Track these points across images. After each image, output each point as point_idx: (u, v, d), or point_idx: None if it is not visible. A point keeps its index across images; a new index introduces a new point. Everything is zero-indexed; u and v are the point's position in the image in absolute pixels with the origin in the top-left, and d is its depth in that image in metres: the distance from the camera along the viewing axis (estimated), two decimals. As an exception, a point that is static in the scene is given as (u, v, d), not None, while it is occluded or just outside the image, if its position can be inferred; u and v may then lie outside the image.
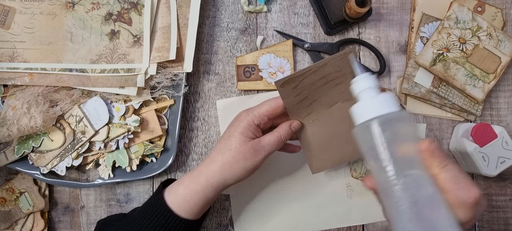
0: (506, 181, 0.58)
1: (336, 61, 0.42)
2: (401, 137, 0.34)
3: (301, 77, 0.43)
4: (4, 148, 0.53)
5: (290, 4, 0.58)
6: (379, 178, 0.35)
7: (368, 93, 0.36)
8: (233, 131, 0.44)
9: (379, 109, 0.34)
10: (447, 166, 0.33)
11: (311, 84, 0.44)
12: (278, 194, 0.55)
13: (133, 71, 0.52)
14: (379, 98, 0.35)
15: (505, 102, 0.58)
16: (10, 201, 0.55)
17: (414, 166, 0.34)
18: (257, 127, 0.44)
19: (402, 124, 0.35)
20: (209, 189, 0.44)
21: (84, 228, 0.57)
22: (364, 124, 0.35)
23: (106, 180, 0.54)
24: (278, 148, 0.45)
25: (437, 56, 0.55)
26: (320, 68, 0.42)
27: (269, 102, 0.45)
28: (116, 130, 0.52)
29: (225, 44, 0.58)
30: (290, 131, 0.45)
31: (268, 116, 0.44)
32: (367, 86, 0.37)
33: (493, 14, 0.58)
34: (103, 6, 0.54)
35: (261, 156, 0.43)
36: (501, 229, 0.58)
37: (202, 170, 0.45)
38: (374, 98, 0.36)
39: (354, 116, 0.37)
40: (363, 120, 0.35)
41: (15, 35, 0.53)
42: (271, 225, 0.55)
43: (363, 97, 0.37)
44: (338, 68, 0.43)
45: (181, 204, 0.44)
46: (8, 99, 0.52)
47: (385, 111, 0.34)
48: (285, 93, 0.44)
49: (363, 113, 0.35)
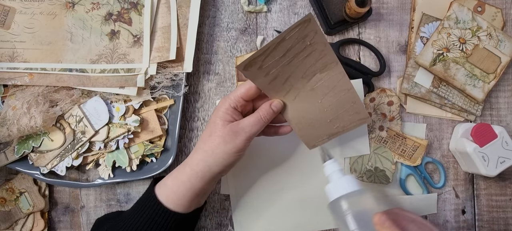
0: (506, 181, 0.58)
1: (293, 32, 0.40)
2: (362, 208, 0.42)
3: (262, 57, 0.41)
4: (4, 148, 0.53)
5: (290, 4, 0.58)
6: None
7: (336, 175, 0.45)
8: (213, 117, 0.45)
9: (345, 189, 0.43)
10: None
11: (276, 62, 0.42)
12: (279, 194, 0.55)
13: (133, 71, 0.52)
14: (344, 180, 0.44)
15: (505, 102, 0.58)
16: (10, 201, 0.55)
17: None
18: (234, 110, 0.44)
19: (363, 198, 0.43)
20: (195, 178, 0.44)
21: (84, 228, 0.57)
22: (334, 201, 0.44)
23: (106, 180, 0.54)
24: (261, 128, 0.45)
25: (437, 56, 0.55)
26: (279, 43, 0.41)
27: (243, 85, 0.45)
28: (116, 130, 0.52)
29: (225, 44, 0.58)
30: (270, 110, 0.45)
31: (243, 98, 0.44)
32: (335, 170, 0.45)
33: (493, 14, 0.58)
34: (103, 6, 0.54)
35: (241, 138, 0.43)
36: (501, 229, 0.58)
37: (187, 161, 0.45)
38: (340, 180, 0.44)
39: (327, 195, 0.45)
40: (335, 197, 0.43)
41: (15, 35, 0.53)
42: (271, 225, 0.55)
43: (332, 179, 0.45)
44: (299, 40, 0.41)
45: (169, 195, 0.44)
46: (8, 99, 0.52)
47: (350, 190, 0.43)
48: (252, 75, 0.43)
49: (334, 191, 0.44)
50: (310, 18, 0.40)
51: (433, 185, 0.57)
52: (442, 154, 0.58)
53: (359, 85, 0.55)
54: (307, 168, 0.55)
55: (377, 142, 0.56)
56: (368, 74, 0.56)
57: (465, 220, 0.57)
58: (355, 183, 0.44)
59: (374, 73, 0.57)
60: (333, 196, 0.44)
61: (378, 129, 0.56)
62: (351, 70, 0.56)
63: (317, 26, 0.41)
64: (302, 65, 0.43)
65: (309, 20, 0.40)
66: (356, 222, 0.41)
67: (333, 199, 0.43)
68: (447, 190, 0.57)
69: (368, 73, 0.56)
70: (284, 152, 0.55)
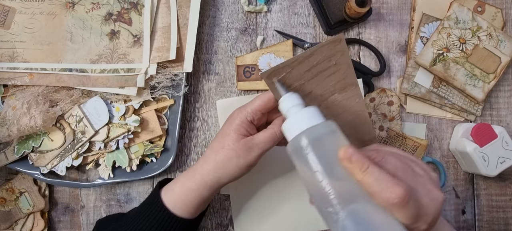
0: (506, 181, 0.58)
1: (323, 50, 0.41)
2: (327, 146, 0.35)
3: (288, 69, 0.41)
4: (4, 148, 0.53)
5: (290, 4, 0.58)
6: (313, 189, 0.34)
7: (294, 110, 0.38)
8: (227, 129, 0.44)
9: (306, 123, 0.36)
10: (367, 168, 0.32)
11: (300, 76, 0.42)
12: (279, 194, 0.55)
13: (133, 71, 0.52)
14: (304, 112, 0.37)
15: (505, 102, 0.58)
16: (10, 201, 0.55)
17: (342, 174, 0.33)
18: (250, 123, 0.43)
19: (330, 135, 0.36)
20: (204, 188, 0.44)
21: (84, 228, 0.57)
22: (294, 139, 0.36)
23: (106, 180, 0.54)
24: (274, 144, 0.43)
25: (437, 56, 0.55)
26: (307, 57, 0.41)
27: (260, 96, 0.43)
28: (116, 130, 0.52)
29: (225, 44, 0.58)
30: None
31: (260, 111, 0.43)
32: (293, 104, 0.38)
33: (493, 14, 0.58)
34: (103, 6, 0.54)
35: (254, 154, 0.42)
36: (501, 229, 0.58)
37: (196, 169, 0.44)
38: (299, 113, 0.37)
39: (285, 133, 0.38)
40: (294, 135, 0.36)
41: (15, 35, 0.53)
42: (271, 225, 0.55)
43: (290, 114, 0.38)
44: (326, 58, 0.41)
45: (177, 202, 0.44)
46: (8, 99, 0.52)
47: (311, 124, 0.36)
48: (273, 86, 0.42)
49: (292, 129, 0.37)
50: (342, 38, 0.40)
51: (433, 185, 0.57)
52: (442, 154, 0.58)
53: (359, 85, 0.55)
54: (307, 168, 0.55)
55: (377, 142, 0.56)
56: (368, 74, 0.56)
57: (465, 220, 0.57)
58: (318, 115, 0.37)
59: (374, 73, 0.57)
60: (292, 135, 0.36)
61: (378, 129, 0.56)
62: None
63: (346, 47, 0.41)
64: (323, 83, 0.43)
65: (340, 40, 0.40)
66: (320, 164, 0.33)
67: (292, 138, 0.36)
68: (447, 190, 0.57)
69: (368, 73, 0.56)
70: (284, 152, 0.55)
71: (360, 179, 0.32)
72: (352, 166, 0.33)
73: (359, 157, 0.33)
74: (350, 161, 0.33)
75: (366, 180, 0.32)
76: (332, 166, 0.33)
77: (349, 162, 0.33)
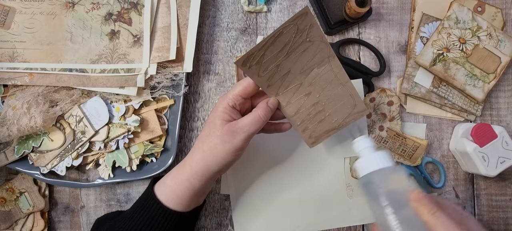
0: (506, 181, 0.58)
1: (291, 26, 0.41)
2: (394, 186, 0.41)
3: (260, 52, 0.41)
4: (4, 148, 0.53)
5: (290, 4, 0.58)
6: (380, 219, 0.40)
7: (367, 151, 0.45)
8: (212, 117, 0.45)
9: (378, 164, 0.42)
10: (436, 212, 0.37)
11: (274, 57, 0.42)
12: (279, 194, 0.55)
13: (133, 71, 0.52)
14: (377, 155, 0.43)
15: (505, 102, 0.58)
16: (10, 201, 0.55)
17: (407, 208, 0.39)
18: (233, 109, 0.44)
19: (396, 175, 0.42)
20: (194, 177, 0.44)
21: (84, 228, 0.57)
22: (365, 176, 0.43)
23: (106, 180, 0.54)
24: (260, 127, 0.44)
25: (437, 56, 0.55)
26: (277, 37, 0.41)
27: (241, 82, 0.45)
28: (116, 130, 0.52)
29: (225, 44, 0.58)
30: (268, 108, 0.45)
31: (241, 96, 0.44)
32: (366, 146, 0.45)
33: (493, 14, 0.58)
34: (103, 6, 0.54)
35: (240, 137, 0.43)
36: (501, 229, 0.58)
37: (186, 160, 0.45)
38: (373, 155, 0.44)
39: (358, 170, 0.45)
40: (366, 172, 0.43)
41: (15, 35, 0.53)
42: (271, 225, 0.55)
43: (363, 154, 0.45)
44: (297, 34, 0.41)
45: (169, 194, 0.45)
46: (8, 99, 0.52)
47: (383, 166, 0.42)
48: (250, 71, 0.43)
49: (365, 167, 0.43)
50: (307, 11, 0.40)
51: (433, 185, 0.57)
52: (442, 154, 0.58)
53: (359, 85, 0.55)
54: (307, 168, 0.55)
55: (377, 142, 0.56)
56: (368, 74, 0.56)
57: (465, 220, 0.57)
58: (389, 158, 0.43)
59: (374, 73, 0.57)
60: (365, 171, 0.43)
61: (378, 129, 0.56)
62: (351, 70, 0.56)
63: (314, 19, 0.41)
64: (300, 60, 0.44)
65: (305, 13, 0.40)
66: (388, 199, 0.40)
67: (365, 174, 0.43)
68: (447, 190, 0.57)
69: (368, 73, 0.56)
70: (284, 152, 0.55)
71: (426, 220, 0.37)
72: (421, 207, 0.38)
73: (429, 201, 0.38)
74: (420, 203, 0.38)
75: (433, 222, 0.37)
76: (400, 204, 0.39)
77: (420, 203, 0.38)
